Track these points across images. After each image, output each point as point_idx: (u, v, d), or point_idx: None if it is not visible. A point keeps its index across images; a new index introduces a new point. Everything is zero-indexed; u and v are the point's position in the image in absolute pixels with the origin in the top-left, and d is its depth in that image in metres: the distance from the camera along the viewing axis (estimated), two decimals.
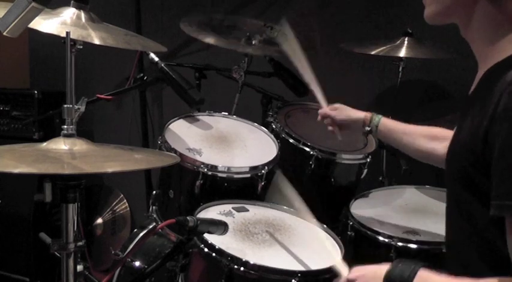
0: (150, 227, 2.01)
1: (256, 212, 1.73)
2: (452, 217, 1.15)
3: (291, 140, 2.00)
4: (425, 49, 2.26)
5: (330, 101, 2.38)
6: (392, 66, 2.38)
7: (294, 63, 1.84)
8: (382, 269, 1.11)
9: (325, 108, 1.84)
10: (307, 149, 1.97)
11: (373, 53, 2.26)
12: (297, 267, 1.42)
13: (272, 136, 2.03)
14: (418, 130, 1.65)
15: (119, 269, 1.92)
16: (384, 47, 2.27)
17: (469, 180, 1.04)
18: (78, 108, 1.37)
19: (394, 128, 1.70)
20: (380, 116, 1.73)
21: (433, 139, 1.59)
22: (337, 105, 1.83)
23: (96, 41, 1.52)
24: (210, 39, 2.22)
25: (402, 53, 2.24)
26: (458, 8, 1.08)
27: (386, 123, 1.72)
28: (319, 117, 1.86)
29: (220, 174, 1.79)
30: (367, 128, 1.74)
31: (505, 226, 0.96)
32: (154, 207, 1.96)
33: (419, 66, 2.55)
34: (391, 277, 1.08)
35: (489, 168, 0.98)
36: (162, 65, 2.00)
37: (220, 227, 1.44)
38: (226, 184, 1.82)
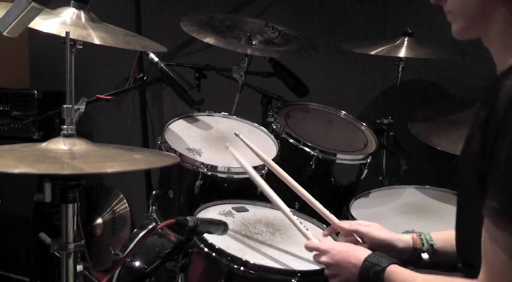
0: (150, 227, 2.00)
1: (256, 212, 1.73)
2: (464, 223, 1.14)
3: (291, 140, 2.00)
4: (425, 49, 2.26)
5: (330, 101, 2.39)
6: (393, 66, 2.38)
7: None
8: (358, 254, 1.24)
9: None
10: (308, 150, 1.97)
11: (373, 53, 2.26)
12: (297, 267, 1.42)
13: (272, 136, 2.03)
14: None
15: (118, 269, 1.92)
16: (384, 47, 2.27)
17: (479, 184, 1.04)
18: (78, 108, 1.37)
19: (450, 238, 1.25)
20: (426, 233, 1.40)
21: None
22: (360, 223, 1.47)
23: (96, 41, 1.52)
24: (210, 39, 2.22)
25: (402, 53, 2.23)
26: (478, 19, 1.08)
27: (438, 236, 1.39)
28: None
29: (220, 175, 1.79)
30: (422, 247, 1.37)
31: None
32: (154, 207, 1.95)
33: (419, 66, 2.55)
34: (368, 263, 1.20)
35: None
36: (162, 65, 2.00)
37: (220, 227, 1.44)
38: (226, 184, 1.82)
